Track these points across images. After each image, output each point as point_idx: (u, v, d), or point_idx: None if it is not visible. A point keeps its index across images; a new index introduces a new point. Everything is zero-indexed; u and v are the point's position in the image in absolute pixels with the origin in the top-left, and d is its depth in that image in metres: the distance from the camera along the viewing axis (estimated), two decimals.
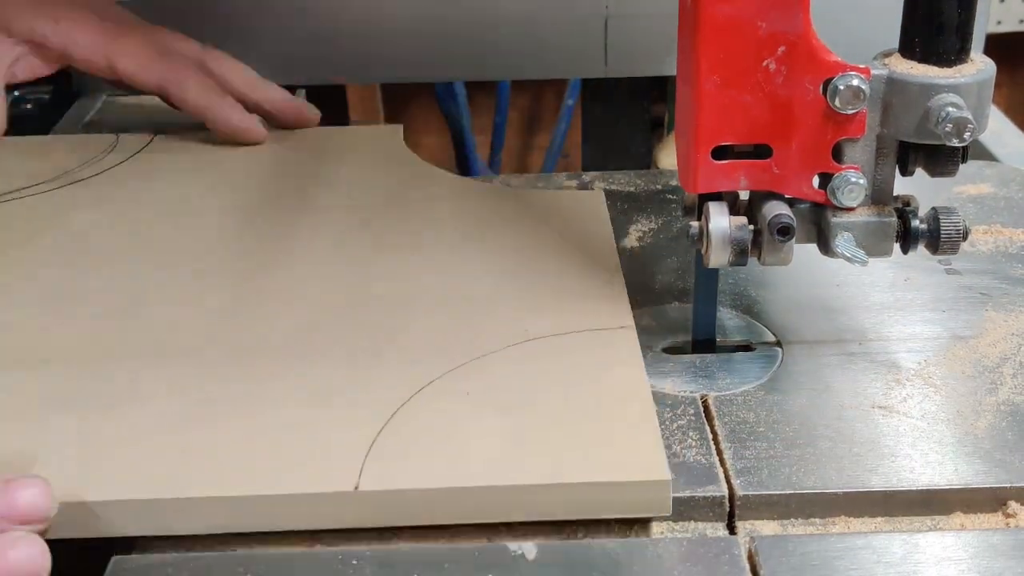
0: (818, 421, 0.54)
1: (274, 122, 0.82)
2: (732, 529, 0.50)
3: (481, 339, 0.57)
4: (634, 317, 0.59)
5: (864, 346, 0.59)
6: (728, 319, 0.62)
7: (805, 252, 0.55)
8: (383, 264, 0.64)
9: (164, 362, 0.56)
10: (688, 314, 0.60)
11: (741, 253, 0.53)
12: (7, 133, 0.87)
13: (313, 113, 0.84)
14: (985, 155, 0.86)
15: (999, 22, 1.58)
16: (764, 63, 0.50)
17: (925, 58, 0.51)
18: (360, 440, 0.49)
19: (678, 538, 0.48)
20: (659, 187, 0.79)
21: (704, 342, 0.59)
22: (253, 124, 0.79)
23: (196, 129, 0.81)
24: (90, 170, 0.75)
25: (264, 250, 0.66)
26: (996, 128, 0.90)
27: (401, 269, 0.64)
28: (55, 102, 1.03)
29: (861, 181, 0.52)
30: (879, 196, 0.54)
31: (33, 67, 0.77)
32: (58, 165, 0.76)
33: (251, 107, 0.81)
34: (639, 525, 0.49)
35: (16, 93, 1.07)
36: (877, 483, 0.50)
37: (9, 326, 0.59)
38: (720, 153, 0.52)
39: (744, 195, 0.56)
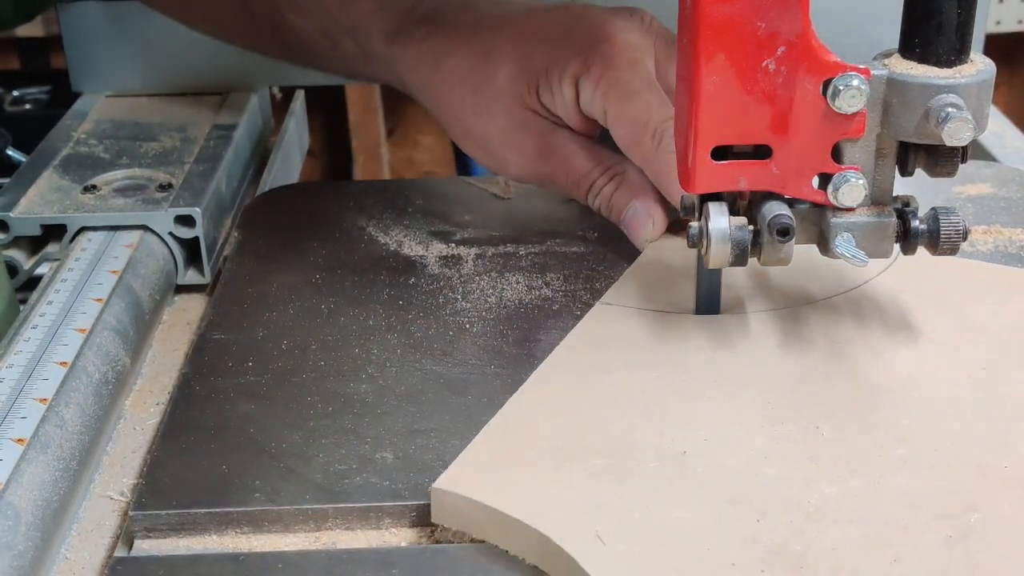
0: None
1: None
2: None
3: None
4: None
5: None
6: None
7: (805, 253, 0.55)
8: None
9: None
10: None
11: (741, 253, 0.53)
12: (8, 132, 0.88)
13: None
14: (985, 155, 0.86)
15: (999, 22, 1.58)
16: (764, 63, 0.50)
17: (925, 58, 0.51)
18: None
19: None
20: None
21: None
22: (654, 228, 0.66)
23: None
24: None
25: None
26: (996, 128, 0.90)
27: None
28: (55, 102, 1.04)
29: (861, 181, 0.52)
30: (879, 196, 0.54)
31: None
32: None
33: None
34: None
35: (16, 93, 1.08)
36: None
37: None
38: (720, 153, 0.52)
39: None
